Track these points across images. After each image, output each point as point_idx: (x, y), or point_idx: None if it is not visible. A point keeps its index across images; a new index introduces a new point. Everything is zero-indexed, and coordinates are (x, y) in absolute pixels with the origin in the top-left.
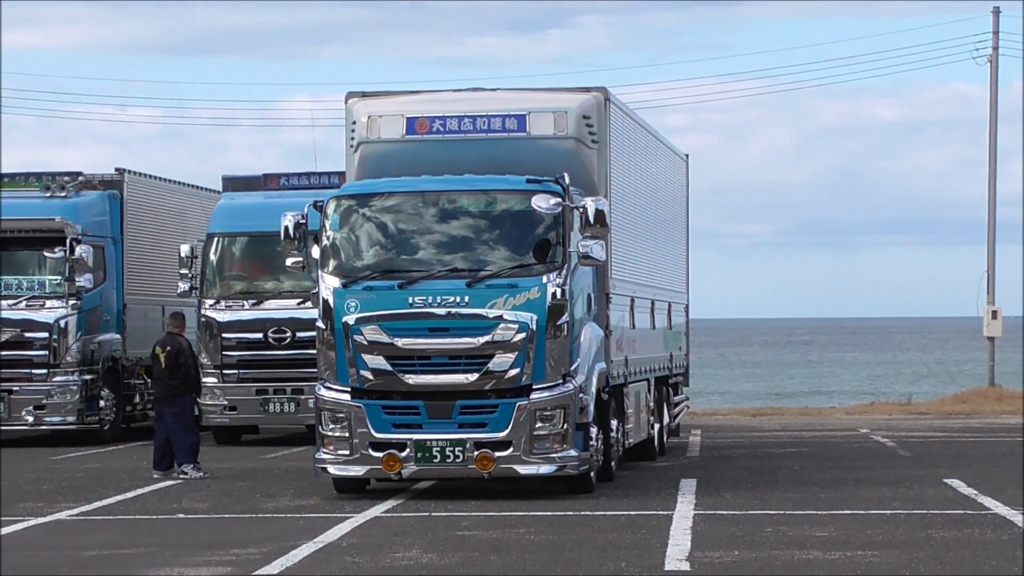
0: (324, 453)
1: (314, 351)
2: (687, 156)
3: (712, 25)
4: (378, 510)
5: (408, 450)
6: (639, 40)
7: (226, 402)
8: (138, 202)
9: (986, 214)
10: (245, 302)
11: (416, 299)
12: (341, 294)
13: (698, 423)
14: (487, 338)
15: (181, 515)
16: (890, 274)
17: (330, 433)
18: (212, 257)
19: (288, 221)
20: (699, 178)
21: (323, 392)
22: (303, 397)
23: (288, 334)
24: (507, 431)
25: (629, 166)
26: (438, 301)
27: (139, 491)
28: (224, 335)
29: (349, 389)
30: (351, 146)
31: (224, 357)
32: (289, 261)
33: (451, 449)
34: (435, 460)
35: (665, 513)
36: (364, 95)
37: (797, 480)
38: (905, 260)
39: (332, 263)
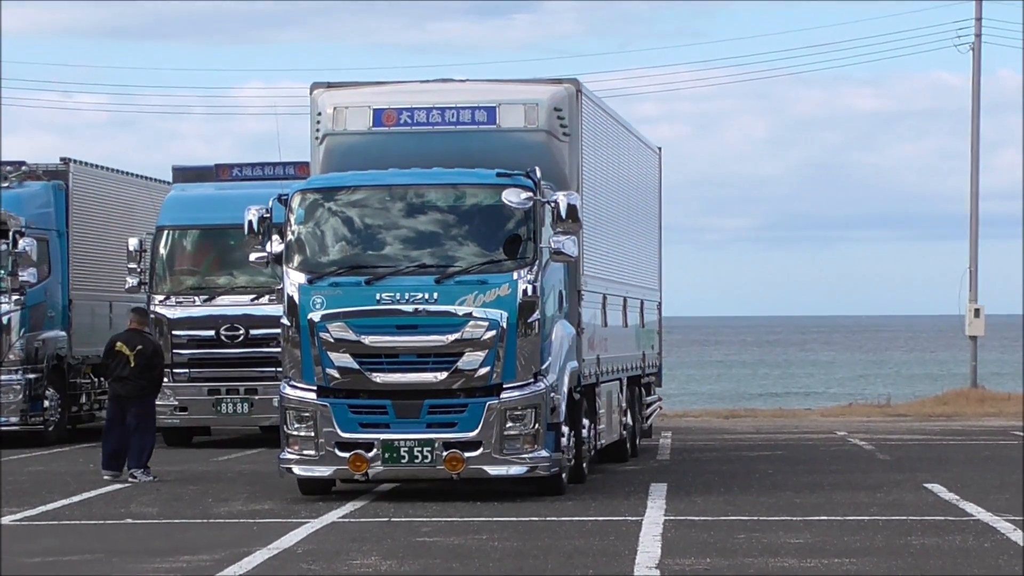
0: (289, 453)
1: (268, 349)
2: (660, 149)
3: (684, 10)
4: (336, 515)
5: (375, 450)
6: (608, 26)
7: (176, 402)
8: (84, 193)
9: (968, 208)
10: (196, 298)
11: (384, 295)
12: (306, 290)
13: (669, 425)
14: (456, 336)
15: (130, 520)
16: (870, 271)
17: (295, 433)
18: (162, 251)
19: (252, 215)
20: (671, 170)
21: (288, 391)
22: (257, 397)
23: (241, 332)
24: (477, 431)
25: (601, 159)
26: (406, 298)
27: (86, 495)
28: (174, 332)
29: (315, 387)
30: (316, 138)
31: (174, 356)
32: (253, 256)
33: (419, 449)
34: (403, 460)
35: (634, 519)
36: (330, 86)
37: (771, 485)
38: (886, 256)
39: (297, 258)
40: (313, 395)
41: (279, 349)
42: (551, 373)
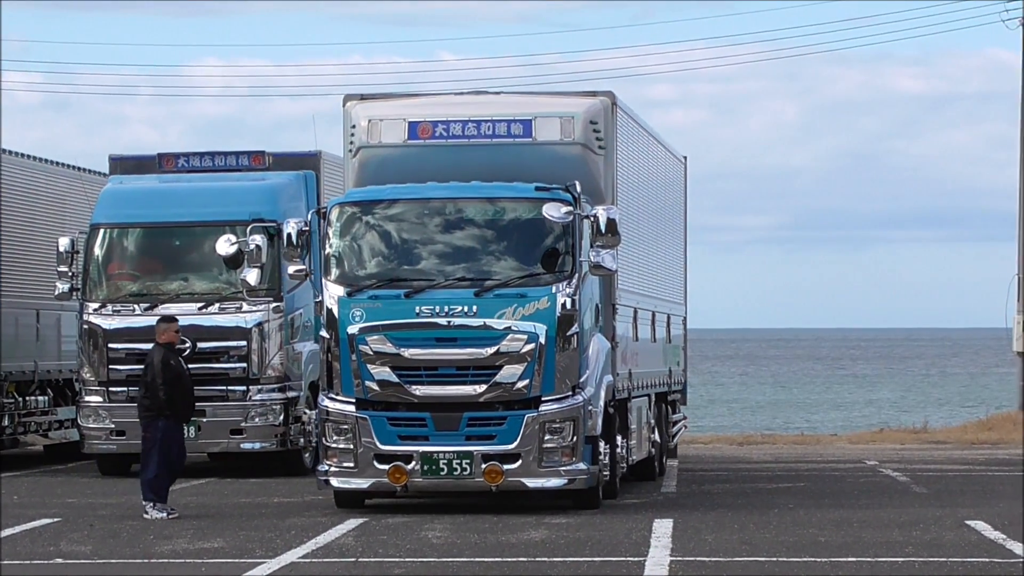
0: (327, 465)
1: (219, 365)
2: (685, 158)
3: None
4: (296, 554)
5: (414, 463)
6: None
7: (113, 425)
8: (9, 187)
9: (1017, 205)
10: (136, 306)
11: (423, 308)
12: (346, 303)
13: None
14: (495, 349)
15: (59, 560)
16: (911, 276)
17: (333, 445)
18: (97, 252)
19: (291, 228)
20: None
21: (327, 403)
22: (204, 420)
23: (188, 345)
24: (515, 443)
25: (634, 172)
26: (445, 311)
27: (10, 531)
28: (111, 345)
29: (354, 400)
30: (350, 151)
31: (111, 372)
32: (291, 269)
33: (458, 462)
34: (442, 473)
35: (636, 559)
36: (363, 98)
37: (792, 521)
38: (930, 259)
39: (336, 271)
40: (352, 407)
41: (231, 365)
42: (588, 386)
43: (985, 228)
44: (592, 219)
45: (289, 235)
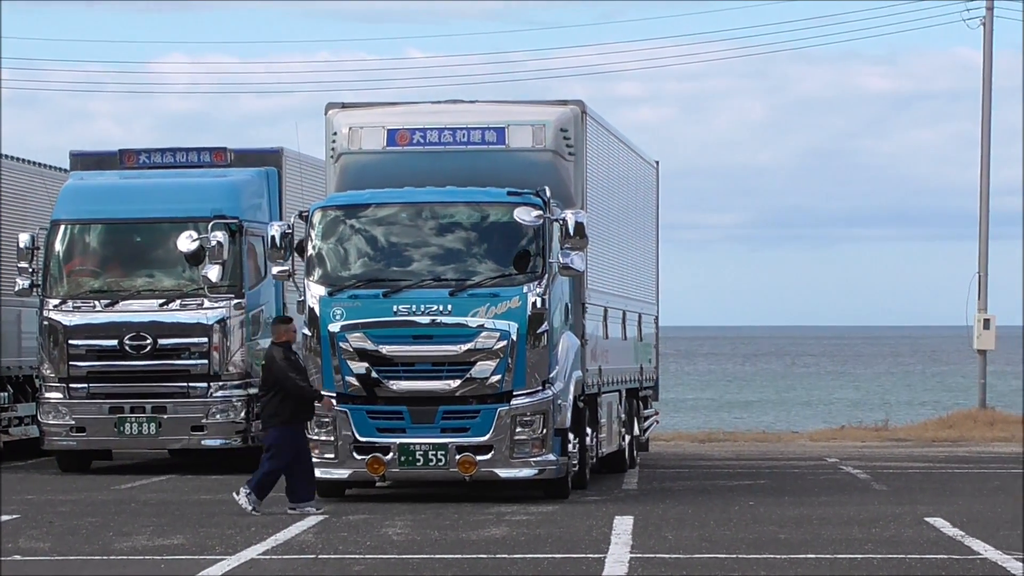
0: None
1: (180, 361)
2: (657, 163)
3: None
4: (256, 550)
5: (392, 454)
6: None
7: (73, 422)
8: None
9: (977, 204)
10: (97, 302)
11: (400, 307)
12: (327, 302)
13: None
14: (469, 345)
15: (18, 556)
16: (876, 275)
17: (315, 437)
18: (57, 248)
19: (275, 230)
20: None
21: None
22: (165, 417)
23: (148, 341)
24: (488, 436)
25: (603, 177)
26: (422, 309)
27: None
28: (71, 342)
29: (334, 394)
30: (331, 157)
31: (71, 368)
32: (275, 269)
33: (434, 453)
34: (418, 464)
35: (596, 556)
36: (344, 106)
37: (752, 518)
38: (895, 258)
39: (318, 272)
40: (333, 402)
41: (192, 361)
42: (558, 381)
43: (950, 227)
44: (561, 222)
45: (273, 237)
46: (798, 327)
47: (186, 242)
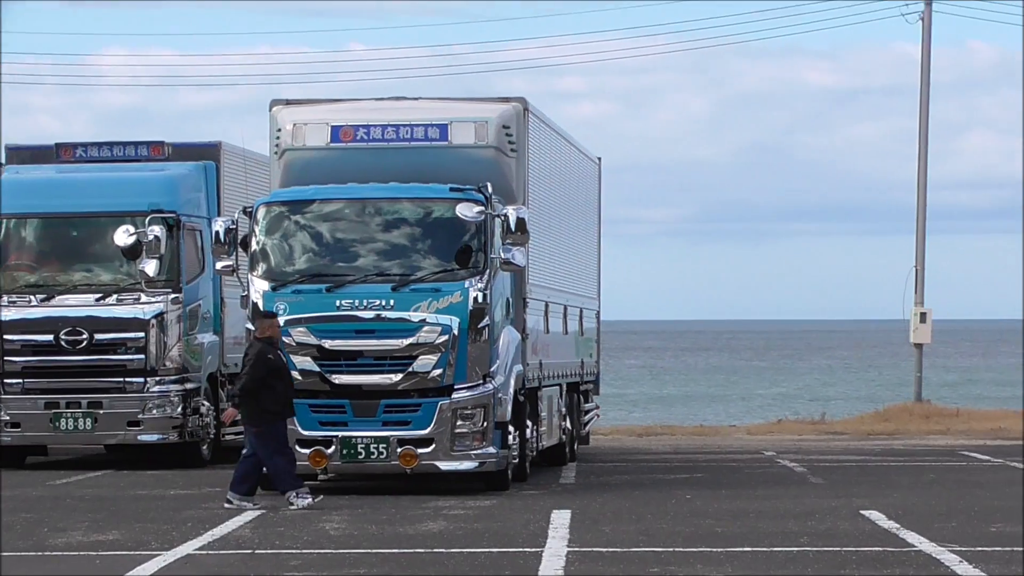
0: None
1: (116, 356)
2: (599, 159)
3: None
4: (192, 545)
5: (334, 447)
6: None
7: (8, 417)
8: None
9: (915, 199)
10: (32, 297)
11: (343, 302)
12: (270, 297)
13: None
14: (411, 340)
15: None
16: (815, 269)
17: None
18: None
19: (219, 226)
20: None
21: None
22: (101, 412)
23: (85, 336)
24: (429, 429)
25: (545, 173)
26: (364, 304)
27: None
28: (6, 337)
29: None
30: (275, 153)
31: (6, 363)
32: (219, 264)
33: (375, 446)
34: (360, 457)
35: (533, 550)
36: (288, 103)
37: (689, 512)
38: (833, 252)
39: (262, 267)
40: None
41: (129, 356)
42: (499, 375)
43: (888, 221)
44: (503, 218)
45: (217, 232)
46: (738, 321)
47: (123, 236)
